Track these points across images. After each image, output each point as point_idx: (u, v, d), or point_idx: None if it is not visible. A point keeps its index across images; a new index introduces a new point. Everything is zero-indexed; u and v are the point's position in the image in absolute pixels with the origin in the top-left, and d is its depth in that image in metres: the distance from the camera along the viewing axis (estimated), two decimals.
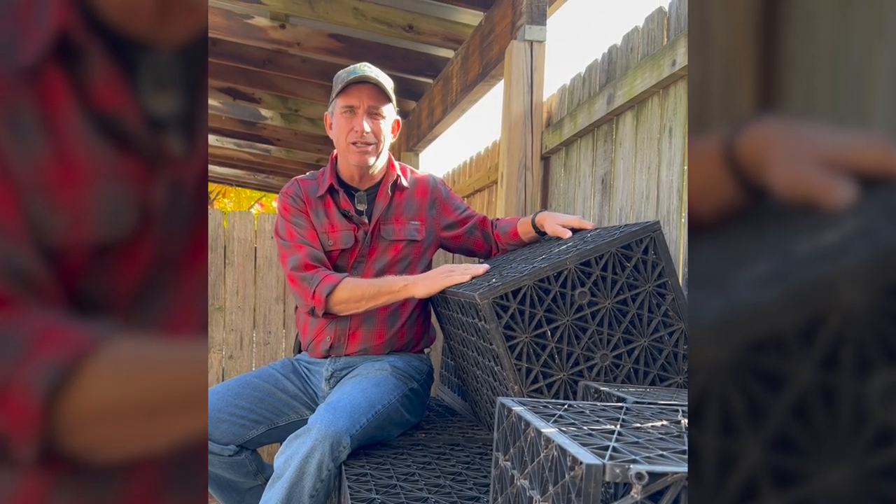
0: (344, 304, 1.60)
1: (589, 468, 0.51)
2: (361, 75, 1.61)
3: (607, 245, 1.19)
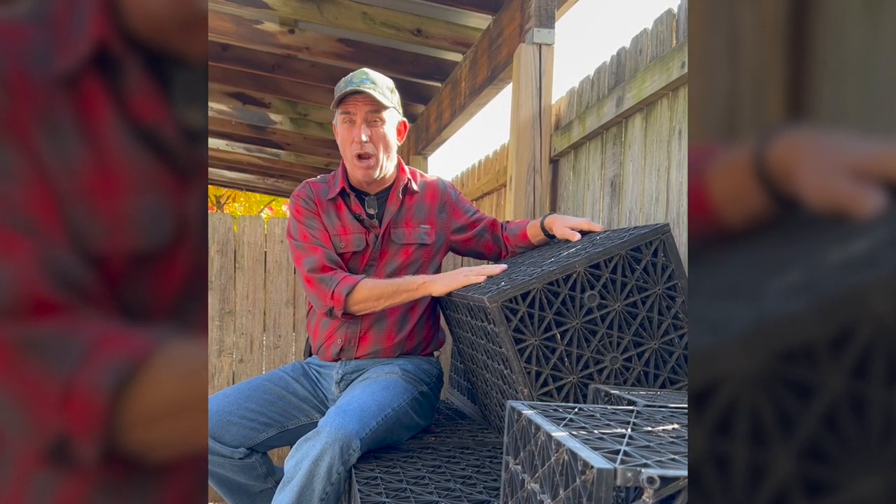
0: (362, 304, 1.61)
1: (600, 472, 0.51)
2: (353, 87, 1.62)
3: (617, 247, 1.19)
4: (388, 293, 1.59)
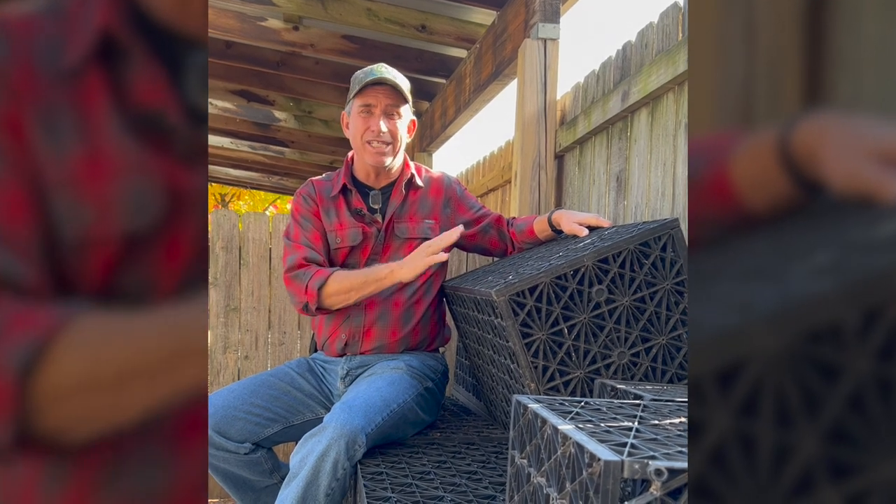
0: (335, 297, 1.62)
1: (607, 464, 0.50)
2: (379, 77, 1.63)
3: (625, 242, 1.18)
4: (358, 284, 1.60)
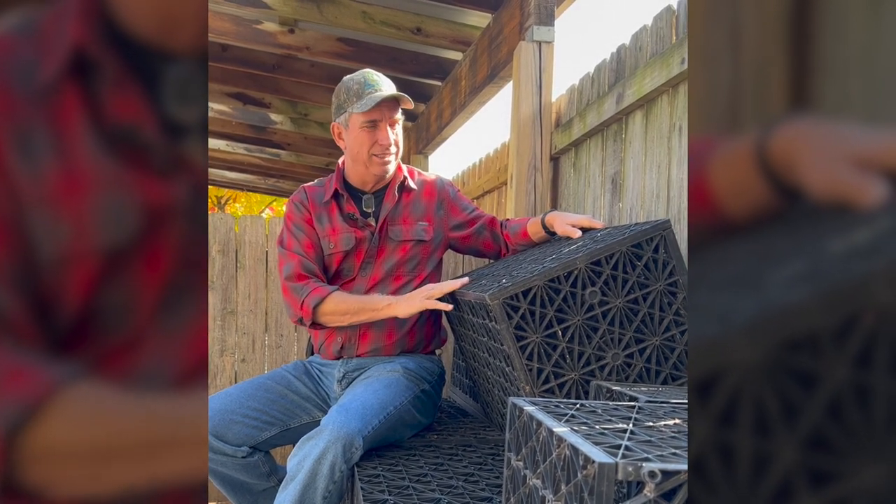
0: (330, 316, 1.64)
1: (602, 467, 0.51)
2: (385, 94, 1.62)
3: (618, 244, 1.19)
4: (354, 310, 1.62)
